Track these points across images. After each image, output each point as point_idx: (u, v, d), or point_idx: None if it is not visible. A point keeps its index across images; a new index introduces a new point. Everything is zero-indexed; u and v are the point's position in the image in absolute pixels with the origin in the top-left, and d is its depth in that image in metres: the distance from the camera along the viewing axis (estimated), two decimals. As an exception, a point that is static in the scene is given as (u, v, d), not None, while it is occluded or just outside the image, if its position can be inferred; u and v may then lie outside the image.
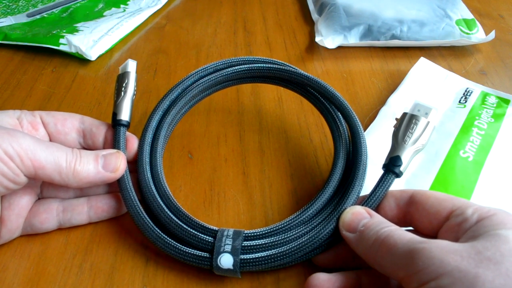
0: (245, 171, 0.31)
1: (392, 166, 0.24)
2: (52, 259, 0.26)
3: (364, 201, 0.24)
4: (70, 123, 0.28)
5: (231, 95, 0.38)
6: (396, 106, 0.35)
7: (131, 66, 0.30)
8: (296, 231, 0.24)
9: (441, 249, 0.18)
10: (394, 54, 0.42)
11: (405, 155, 0.24)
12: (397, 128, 0.25)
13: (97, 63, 0.42)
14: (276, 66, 0.32)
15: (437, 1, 0.46)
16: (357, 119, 0.28)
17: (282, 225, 0.25)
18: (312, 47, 0.44)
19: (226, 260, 0.23)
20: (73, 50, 0.41)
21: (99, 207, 0.27)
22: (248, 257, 0.23)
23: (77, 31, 0.43)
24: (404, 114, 0.25)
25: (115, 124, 0.28)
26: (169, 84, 0.39)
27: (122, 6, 0.51)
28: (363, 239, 0.22)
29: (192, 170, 0.32)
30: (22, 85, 0.39)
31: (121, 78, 0.29)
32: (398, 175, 0.24)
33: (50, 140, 0.28)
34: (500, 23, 0.47)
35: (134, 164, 0.29)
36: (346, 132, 0.29)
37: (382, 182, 0.24)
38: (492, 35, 0.41)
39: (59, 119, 0.28)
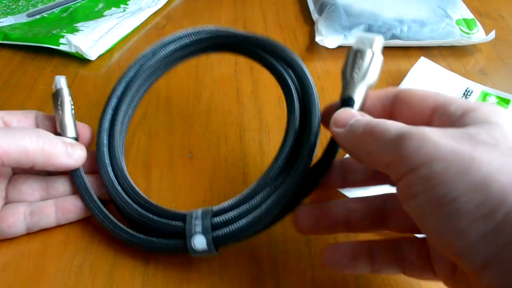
0: (245, 171, 0.31)
1: (346, 107, 0.23)
2: (52, 259, 0.26)
3: (327, 145, 0.24)
4: (30, 120, 0.28)
5: (231, 95, 0.38)
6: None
7: (62, 82, 0.29)
8: (262, 195, 0.24)
9: (433, 132, 0.17)
10: (394, 54, 0.42)
11: (357, 94, 0.23)
12: (344, 67, 0.24)
13: (97, 63, 0.42)
14: (206, 35, 0.31)
15: (437, 1, 0.46)
16: (302, 64, 0.28)
17: (247, 193, 0.25)
18: (312, 47, 0.44)
19: (199, 241, 0.23)
20: (73, 50, 0.41)
21: (66, 208, 0.27)
22: (220, 233, 0.23)
23: (77, 31, 0.43)
24: (349, 50, 0.24)
25: None
26: (169, 84, 0.39)
27: (122, 6, 0.50)
28: (353, 129, 0.20)
29: (192, 170, 0.32)
30: (22, 85, 0.39)
31: (55, 97, 0.29)
32: None
33: None
34: (500, 23, 0.47)
35: (90, 165, 0.29)
36: (298, 88, 0.28)
37: None
38: (492, 35, 0.41)
39: (20, 117, 0.28)
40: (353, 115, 0.21)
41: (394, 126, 0.18)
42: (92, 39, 0.42)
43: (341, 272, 0.23)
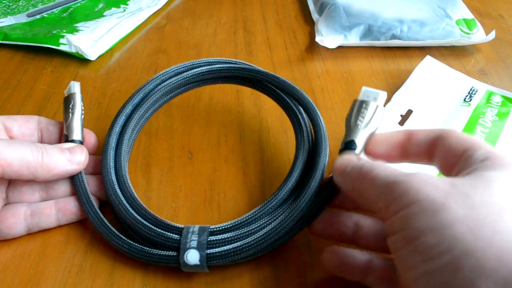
0: (245, 171, 0.31)
1: (347, 150, 0.25)
2: (52, 259, 0.26)
3: (325, 183, 0.25)
4: (32, 124, 0.29)
5: (231, 95, 0.38)
6: (400, 102, 0.35)
7: (75, 87, 0.30)
8: (260, 223, 0.25)
9: (419, 180, 0.18)
10: (394, 54, 0.42)
11: (359, 139, 0.25)
12: (349, 114, 0.26)
13: (97, 63, 0.42)
14: (236, 65, 0.32)
15: (437, 1, 0.46)
16: (317, 111, 0.29)
17: (247, 218, 0.25)
18: (312, 47, 0.44)
19: (192, 256, 0.24)
20: (73, 50, 0.41)
21: (68, 209, 0.27)
22: (214, 251, 0.24)
23: (77, 31, 0.43)
24: (355, 101, 0.26)
25: None
26: (169, 84, 0.39)
27: (122, 6, 0.51)
28: (350, 175, 0.22)
29: (192, 170, 0.32)
30: (22, 85, 0.39)
31: (67, 100, 0.29)
32: None
33: None
34: (500, 23, 0.47)
35: (92, 168, 0.29)
36: (308, 125, 0.30)
37: None
38: (492, 35, 0.41)
39: (22, 122, 0.28)
40: (350, 161, 0.23)
41: (385, 172, 0.20)
42: (92, 39, 0.42)
43: (335, 274, 0.23)
